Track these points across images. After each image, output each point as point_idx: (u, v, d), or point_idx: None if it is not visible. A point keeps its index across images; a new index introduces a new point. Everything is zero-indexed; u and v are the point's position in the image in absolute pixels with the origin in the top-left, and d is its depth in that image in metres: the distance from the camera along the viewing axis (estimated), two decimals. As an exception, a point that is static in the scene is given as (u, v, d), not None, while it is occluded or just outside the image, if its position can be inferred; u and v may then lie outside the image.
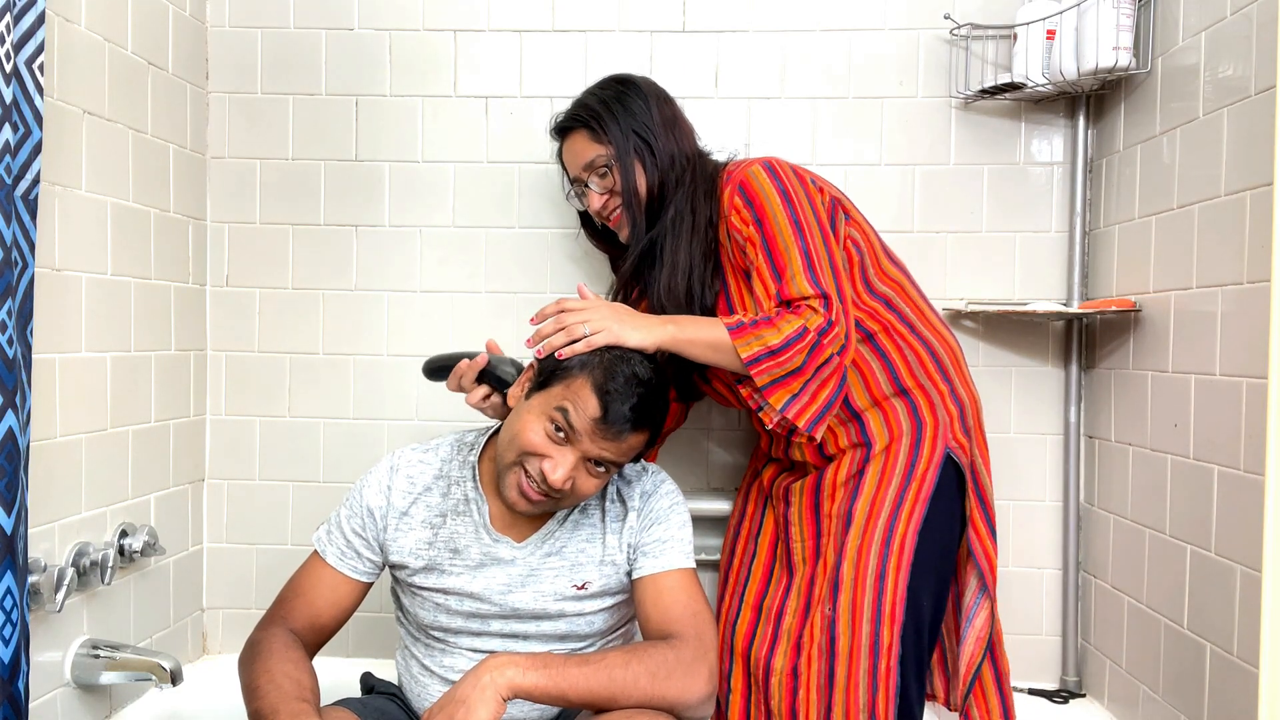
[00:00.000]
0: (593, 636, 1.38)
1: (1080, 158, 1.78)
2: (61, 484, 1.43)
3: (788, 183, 1.42)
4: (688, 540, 1.37)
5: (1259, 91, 1.29)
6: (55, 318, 1.41)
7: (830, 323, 1.32)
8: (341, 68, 1.87)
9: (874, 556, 1.40)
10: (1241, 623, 1.30)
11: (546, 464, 1.24)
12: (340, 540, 1.38)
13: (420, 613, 1.38)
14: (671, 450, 1.85)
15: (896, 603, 1.39)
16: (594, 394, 1.25)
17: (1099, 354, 1.77)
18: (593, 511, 1.38)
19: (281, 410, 1.89)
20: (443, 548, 1.36)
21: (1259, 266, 1.27)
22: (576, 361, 1.28)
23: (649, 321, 1.35)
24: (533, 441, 1.25)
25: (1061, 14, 1.65)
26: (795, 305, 1.34)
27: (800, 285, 1.34)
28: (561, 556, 1.36)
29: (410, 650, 1.43)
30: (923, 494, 1.42)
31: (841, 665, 1.39)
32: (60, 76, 1.40)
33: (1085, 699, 1.77)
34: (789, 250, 1.37)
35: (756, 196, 1.41)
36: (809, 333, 1.31)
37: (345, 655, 1.88)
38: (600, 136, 1.51)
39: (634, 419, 1.25)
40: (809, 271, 1.35)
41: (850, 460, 1.47)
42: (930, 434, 1.45)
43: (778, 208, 1.39)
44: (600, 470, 1.27)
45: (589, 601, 1.36)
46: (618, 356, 1.28)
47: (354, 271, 1.88)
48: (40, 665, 1.37)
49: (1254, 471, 1.27)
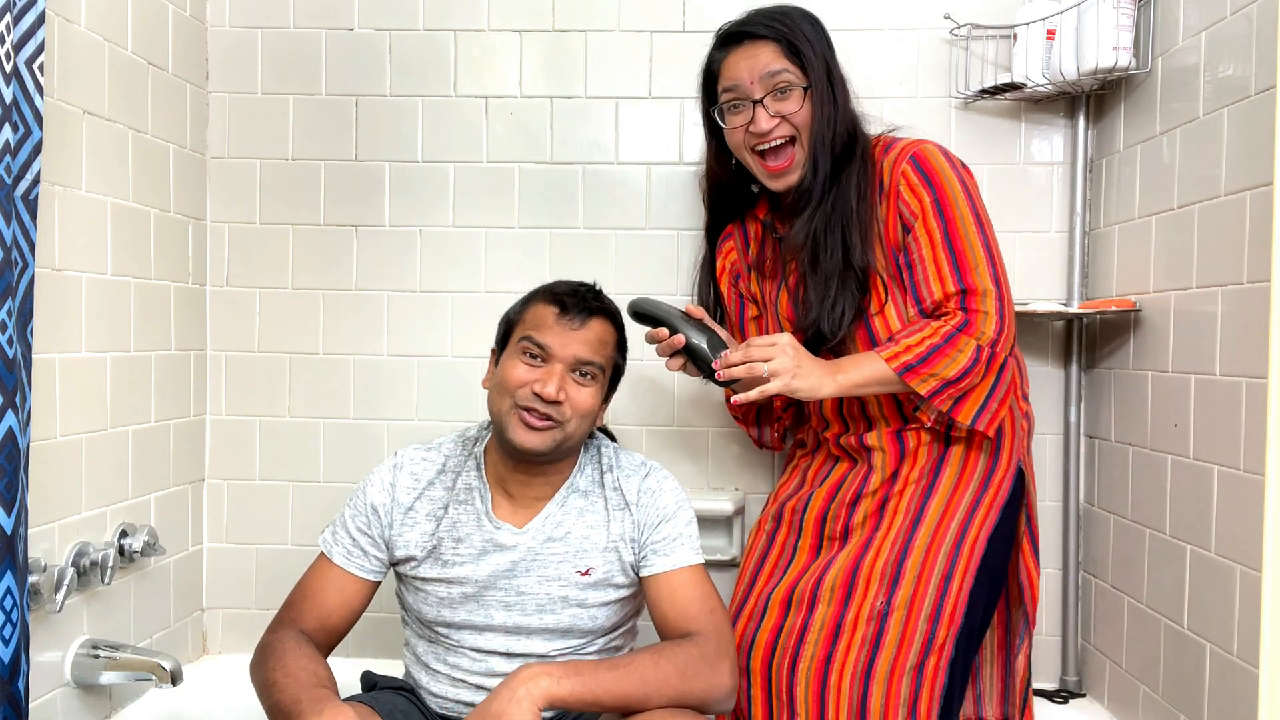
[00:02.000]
0: (594, 633, 1.38)
1: (1080, 158, 1.78)
2: (61, 484, 1.43)
3: (965, 173, 1.41)
4: (696, 536, 1.39)
5: (1259, 91, 1.29)
6: (55, 318, 1.41)
7: (1000, 327, 1.36)
8: (341, 68, 1.87)
9: (943, 557, 1.39)
10: (1241, 623, 1.30)
11: (536, 385, 1.30)
12: (346, 540, 1.38)
13: (424, 608, 1.38)
14: (672, 450, 1.85)
15: (958, 605, 1.38)
16: (546, 303, 1.35)
17: (1099, 354, 1.77)
18: (594, 498, 1.40)
19: (281, 410, 1.89)
20: (445, 536, 1.37)
21: (1259, 266, 1.27)
22: (514, 309, 1.40)
23: (821, 372, 1.36)
24: (518, 376, 1.32)
25: (1061, 14, 1.65)
26: (970, 304, 1.36)
27: (983, 277, 1.36)
28: (565, 543, 1.37)
29: (415, 650, 1.43)
30: (997, 501, 1.43)
31: (885, 657, 1.36)
32: (60, 76, 1.40)
33: (1085, 699, 1.77)
34: (970, 239, 1.37)
35: (936, 177, 1.38)
36: (983, 349, 1.35)
37: (345, 655, 1.88)
38: (795, 57, 1.41)
39: (589, 303, 1.35)
40: (991, 265, 1.37)
41: (929, 457, 1.46)
42: (1009, 444, 1.46)
43: (959, 194, 1.38)
44: (586, 379, 1.34)
45: (592, 591, 1.36)
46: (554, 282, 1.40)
47: (354, 271, 1.88)
48: (40, 665, 1.37)
49: (1254, 471, 1.27)
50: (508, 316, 1.42)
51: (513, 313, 1.42)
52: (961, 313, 1.37)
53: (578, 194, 1.85)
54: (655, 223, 1.84)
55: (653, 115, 1.85)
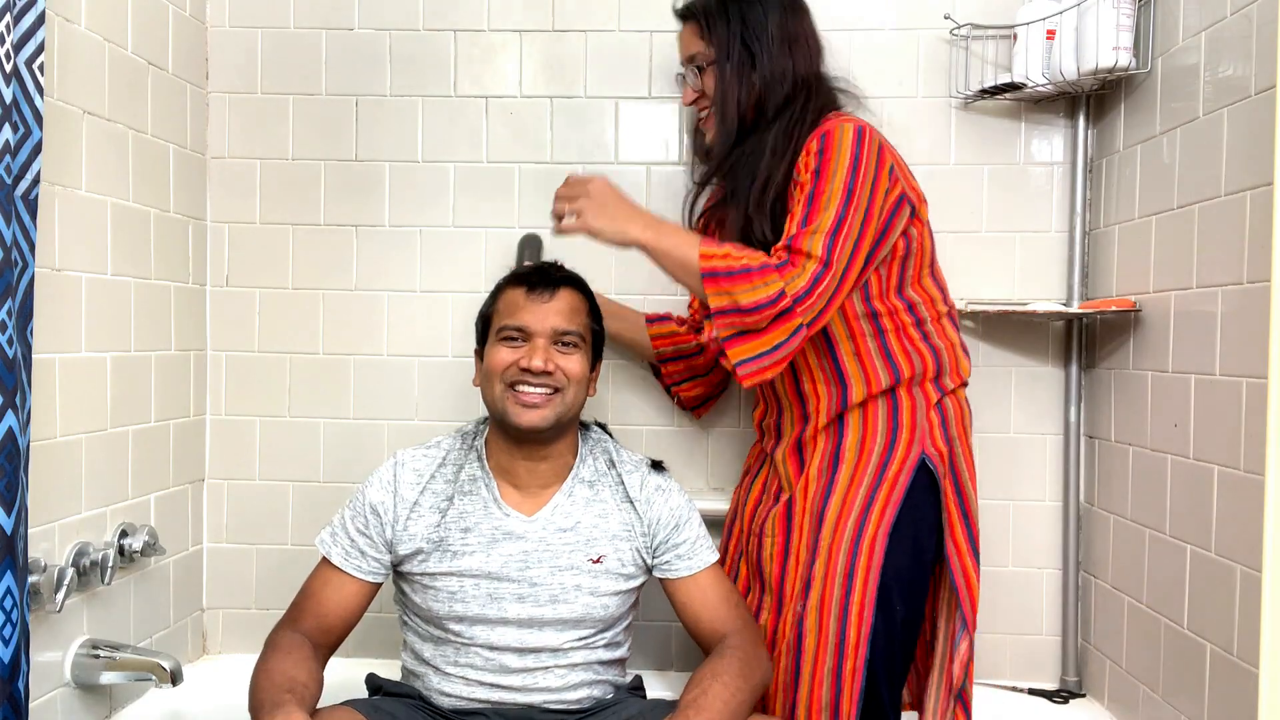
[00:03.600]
0: (604, 623, 1.40)
1: (1080, 158, 1.78)
2: (61, 484, 1.43)
3: (865, 153, 1.36)
4: (708, 533, 1.46)
5: (1259, 91, 1.29)
6: (55, 318, 1.41)
7: (810, 290, 1.29)
8: (341, 68, 1.87)
9: (844, 554, 1.39)
10: (1241, 623, 1.30)
11: (522, 361, 1.35)
12: (345, 540, 1.39)
13: (434, 605, 1.37)
14: (672, 450, 1.85)
15: (866, 604, 1.37)
16: (513, 286, 1.40)
17: (1099, 354, 1.77)
18: (600, 488, 1.43)
19: (281, 410, 1.89)
20: (453, 527, 1.38)
21: (1259, 266, 1.27)
22: (486, 305, 1.44)
23: (629, 217, 1.37)
24: (503, 359, 1.36)
25: (1061, 14, 1.65)
26: (794, 256, 1.31)
27: (814, 242, 1.31)
28: (576, 532, 1.39)
29: (419, 653, 1.42)
30: (894, 496, 1.41)
31: (807, 662, 1.39)
32: (60, 76, 1.40)
33: (1085, 699, 1.77)
34: (827, 209, 1.33)
35: (830, 149, 1.37)
36: (785, 297, 1.29)
37: (345, 655, 1.88)
38: (706, 35, 1.49)
39: (554, 275, 1.41)
40: (830, 237, 1.31)
41: (823, 459, 1.46)
42: (906, 435, 1.43)
43: (842, 168, 1.35)
44: (569, 348, 1.38)
45: (604, 579, 1.38)
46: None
47: (354, 271, 1.88)
48: (40, 665, 1.37)
49: (1254, 471, 1.27)
50: (482, 314, 1.46)
51: (485, 309, 1.45)
52: (786, 253, 1.32)
53: (578, 194, 1.85)
54: (655, 223, 1.84)
55: (653, 115, 1.85)
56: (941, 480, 1.44)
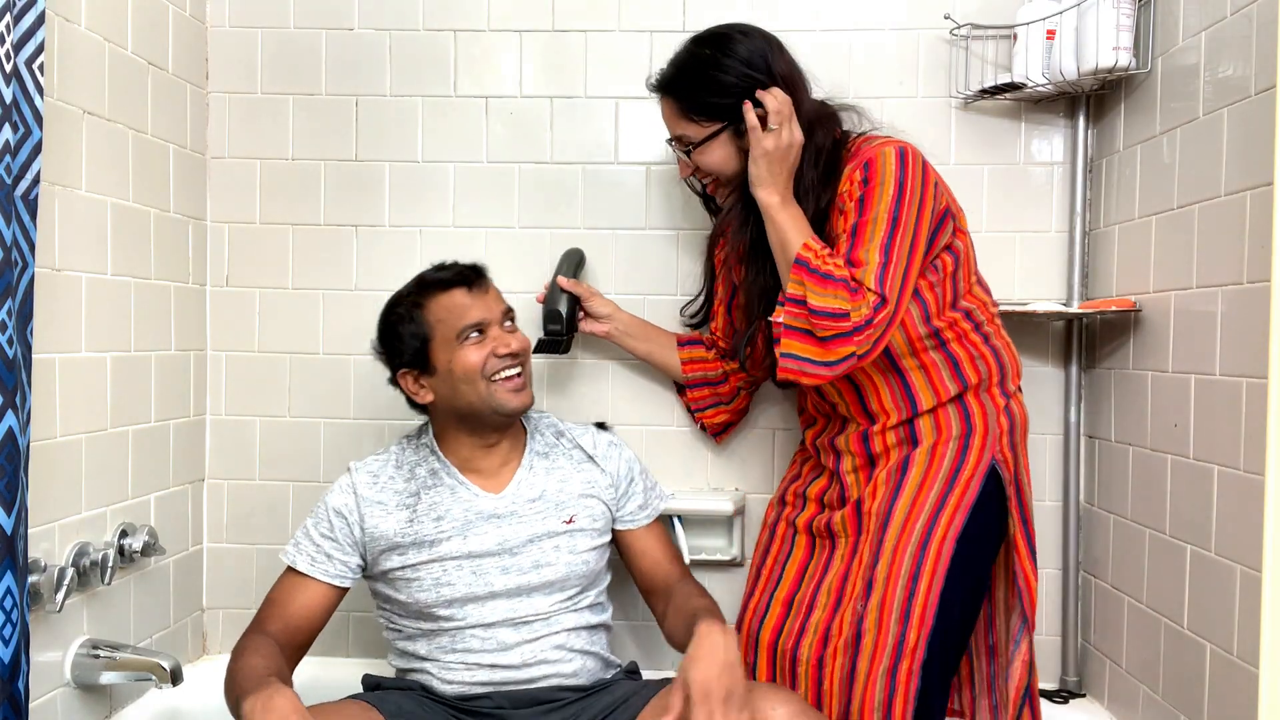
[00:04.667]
0: (587, 578, 1.47)
1: (1080, 158, 1.78)
2: (61, 484, 1.43)
3: (910, 178, 1.37)
4: (656, 484, 1.62)
5: (1259, 91, 1.29)
6: (55, 318, 1.41)
7: (870, 322, 1.32)
8: (341, 68, 1.87)
9: (909, 558, 1.39)
10: (1241, 623, 1.30)
11: (499, 347, 1.42)
12: (310, 547, 1.43)
13: (421, 595, 1.40)
14: (672, 450, 1.85)
15: (928, 607, 1.37)
16: (446, 291, 1.45)
17: (1099, 354, 1.77)
18: (556, 456, 1.53)
19: (281, 410, 1.89)
20: (425, 519, 1.42)
21: (1259, 266, 1.27)
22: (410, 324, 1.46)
23: (776, 179, 1.40)
24: (478, 358, 1.42)
25: (1061, 14, 1.65)
26: (859, 286, 1.33)
27: (867, 275, 1.33)
28: (544, 499, 1.46)
29: (414, 651, 1.43)
30: (965, 501, 1.41)
31: (864, 661, 1.38)
32: (60, 76, 1.40)
33: (1085, 699, 1.77)
34: (872, 241, 1.34)
35: (874, 177, 1.37)
36: (848, 320, 1.31)
37: (345, 655, 1.88)
38: (687, 114, 1.47)
39: (472, 269, 1.49)
40: (880, 271, 1.33)
41: (896, 458, 1.46)
42: (979, 441, 1.44)
43: (887, 197, 1.35)
44: (510, 324, 1.49)
45: (580, 537, 1.45)
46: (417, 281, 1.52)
47: (354, 271, 1.88)
48: (40, 665, 1.37)
49: (1254, 471, 1.27)
50: (408, 333, 1.45)
51: (413, 326, 1.45)
52: (855, 282, 1.34)
53: (577, 194, 1.85)
54: (655, 223, 1.84)
55: (653, 115, 1.83)
56: (1007, 486, 1.45)
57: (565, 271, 1.74)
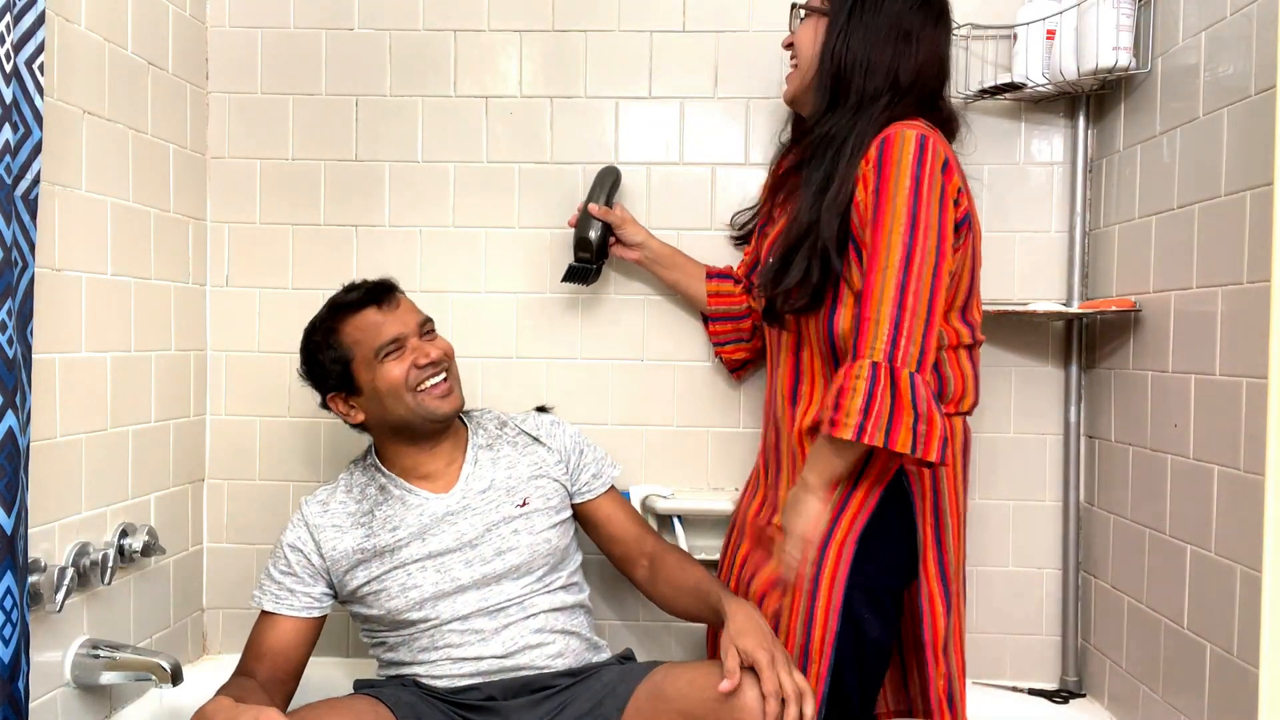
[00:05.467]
0: (552, 556, 1.48)
1: (1080, 158, 1.78)
2: (61, 484, 1.43)
3: (928, 169, 1.28)
4: (607, 453, 1.63)
5: (1259, 91, 1.29)
6: (55, 318, 1.41)
7: (895, 339, 1.25)
8: (341, 68, 1.87)
9: (810, 562, 1.36)
10: (1241, 623, 1.30)
11: (419, 358, 1.44)
12: (272, 586, 1.45)
13: (391, 604, 1.42)
14: (672, 450, 1.85)
15: (830, 612, 1.34)
16: (357, 311, 1.47)
17: (1099, 354, 1.77)
18: (500, 446, 1.55)
19: (281, 410, 1.89)
20: (380, 531, 1.44)
21: (1259, 266, 1.27)
22: (328, 350, 1.47)
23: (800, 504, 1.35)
24: (399, 372, 1.44)
25: (1061, 14, 1.65)
26: (864, 311, 1.28)
27: (878, 339, 1.27)
28: (493, 488, 1.48)
29: (398, 659, 1.45)
30: (864, 508, 1.36)
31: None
32: (60, 76, 1.40)
33: (1085, 699, 1.77)
34: (886, 239, 1.28)
35: (888, 165, 1.29)
36: (880, 366, 1.26)
37: (345, 655, 1.88)
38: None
39: (380, 285, 1.50)
40: (901, 276, 1.26)
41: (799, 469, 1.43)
42: (884, 454, 1.34)
43: (902, 188, 1.28)
44: (430, 333, 1.51)
45: (537, 517, 1.47)
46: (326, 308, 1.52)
47: (354, 271, 1.87)
48: (40, 665, 1.37)
49: (1254, 471, 1.27)
50: (328, 360, 1.47)
51: (331, 352, 1.47)
52: (855, 324, 1.30)
53: (578, 194, 1.85)
54: (655, 223, 1.84)
55: (653, 115, 1.85)
56: (917, 500, 1.39)
57: (598, 197, 1.71)
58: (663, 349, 1.85)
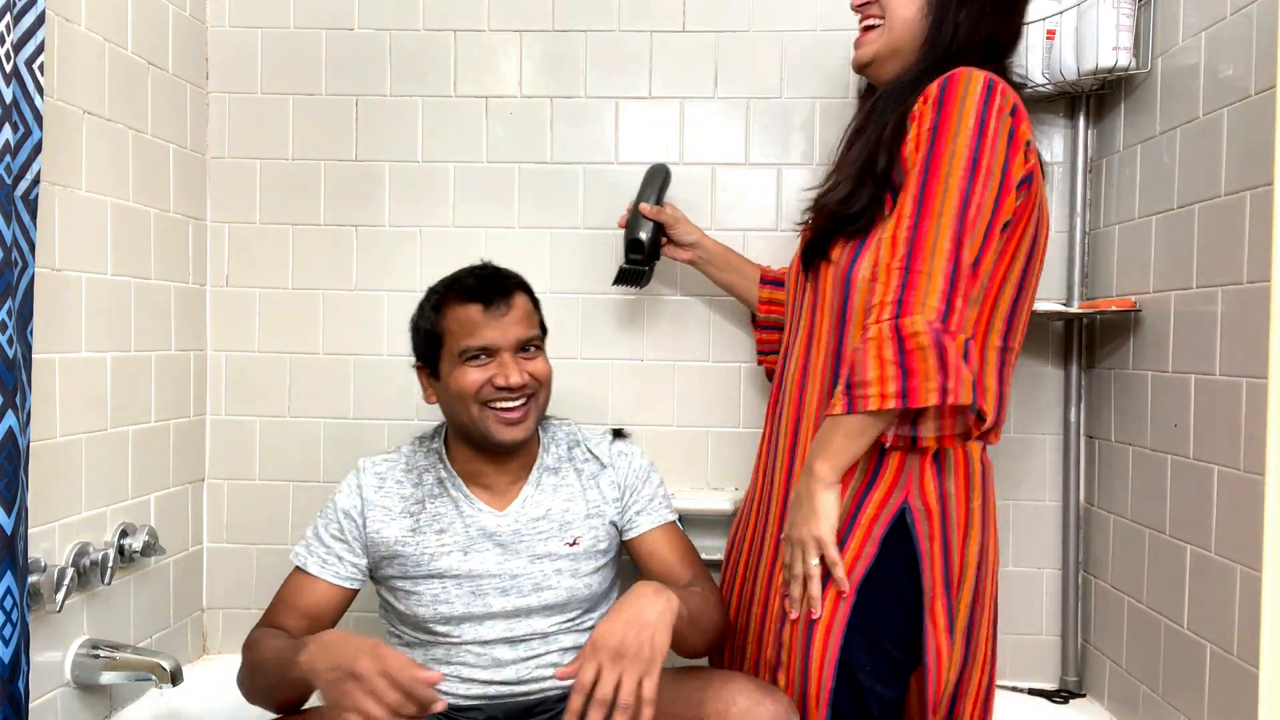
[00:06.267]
0: (589, 601, 1.42)
1: (1080, 158, 1.78)
2: (61, 484, 1.43)
3: (994, 114, 1.16)
4: (668, 495, 1.51)
5: (1259, 91, 1.29)
6: (55, 318, 1.41)
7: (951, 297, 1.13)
8: (341, 68, 1.87)
9: (833, 563, 1.23)
10: (1241, 623, 1.30)
11: (498, 378, 1.33)
12: (321, 549, 1.40)
13: (419, 609, 1.38)
14: (672, 450, 1.85)
15: (827, 664, 1.23)
16: (463, 303, 1.36)
17: (1099, 354, 1.77)
18: (566, 472, 1.45)
19: (281, 410, 1.89)
20: (427, 531, 1.39)
21: (1259, 266, 1.27)
22: (428, 320, 1.39)
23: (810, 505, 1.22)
24: (474, 380, 1.34)
25: (1061, 14, 1.65)
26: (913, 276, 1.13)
27: (932, 297, 1.13)
28: (549, 519, 1.41)
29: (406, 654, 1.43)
30: (866, 548, 1.22)
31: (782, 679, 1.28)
32: (60, 76, 1.40)
33: (1085, 699, 1.77)
34: (940, 224, 1.14)
35: (950, 103, 1.16)
36: (896, 329, 1.14)
37: (345, 655, 1.88)
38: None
39: (501, 283, 1.38)
40: (948, 283, 1.13)
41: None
42: (888, 480, 1.22)
43: (966, 130, 1.15)
44: (532, 351, 1.39)
45: (583, 561, 1.41)
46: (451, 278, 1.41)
47: (354, 271, 1.88)
48: (40, 665, 1.37)
49: (1254, 471, 1.27)
50: (424, 329, 1.40)
51: (428, 323, 1.40)
52: (900, 276, 1.14)
53: (578, 194, 1.85)
54: (655, 223, 1.84)
55: (653, 115, 1.85)
56: (923, 541, 1.22)
57: (649, 196, 1.65)
58: (663, 349, 1.85)
